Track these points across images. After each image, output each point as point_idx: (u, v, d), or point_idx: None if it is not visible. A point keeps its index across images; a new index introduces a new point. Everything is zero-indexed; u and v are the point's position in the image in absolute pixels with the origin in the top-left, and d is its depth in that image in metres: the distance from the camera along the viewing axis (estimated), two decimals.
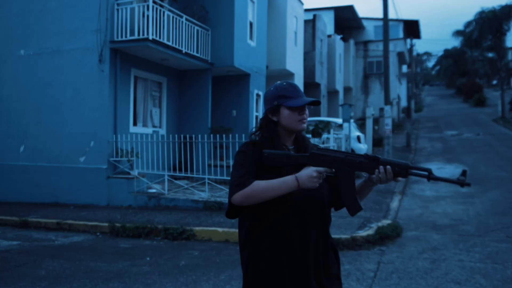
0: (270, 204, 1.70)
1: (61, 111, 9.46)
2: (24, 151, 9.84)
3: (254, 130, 1.88)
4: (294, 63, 16.48)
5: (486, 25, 28.72)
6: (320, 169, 1.65)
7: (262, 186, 1.66)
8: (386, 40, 12.66)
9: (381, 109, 20.07)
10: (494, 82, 48.49)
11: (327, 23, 22.98)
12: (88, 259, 5.43)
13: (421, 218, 7.30)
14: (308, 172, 1.64)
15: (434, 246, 5.61)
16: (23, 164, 9.78)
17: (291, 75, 16.10)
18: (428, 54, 68.26)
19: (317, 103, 1.81)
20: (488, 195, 9.03)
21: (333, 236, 1.92)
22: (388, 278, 4.45)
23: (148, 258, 5.42)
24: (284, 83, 1.85)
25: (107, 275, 4.77)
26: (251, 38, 12.65)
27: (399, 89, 31.75)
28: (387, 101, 12.29)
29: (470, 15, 59.59)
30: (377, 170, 1.65)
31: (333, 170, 1.68)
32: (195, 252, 5.66)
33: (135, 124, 10.26)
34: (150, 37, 8.98)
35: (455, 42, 49.82)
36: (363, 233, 5.99)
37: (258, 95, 13.34)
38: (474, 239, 5.93)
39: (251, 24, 12.65)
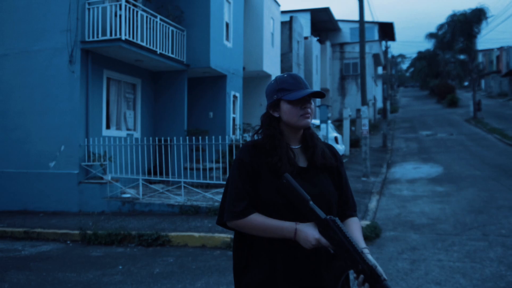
0: (274, 210, 1.60)
1: (30, 115, 9.07)
2: None
3: (257, 128, 1.75)
4: (271, 65, 16.42)
5: (458, 28, 29.41)
6: (323, 241, 1.51)
7: (258, 224, 1.59)
8: (362, 41, 12.73)
9: (358, 110, 20.24)
10: (466, 83, 49.86)
11: (304, 25, 23.04)
12: (56, 270, 5.15)
13: (399, 218, 7.30)
14: (309, 236, 1.52)
15: (413, 246, 5.58)
16: None
17: (268, 76, 16.03)
18: (402, 56, 69.72)
19: (321, 95, 1.67)
20: (464, 193, 9.14)
21: None
22: None
23: (120, 267, 5.18)
24: (285, 75, 1.70)
25: (76, 286, 4.51)
26: (227, 39, 12.50)
27: (375, 91, 32.18)
28: (364, 101, 12.34)
29: (443, 18, 61.13)
30: (359, 278, 1.46)
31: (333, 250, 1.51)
32: (170, 259, 5.45)
33: (108, 127, 9.94)
34: (123, 37, 8.71)
35: (428, 45, 51.07)
36: None
37: (235, 96, 13.19)
38: (452, 238, 5.93)
39: (227, 25, 12.50)
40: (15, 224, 7.71)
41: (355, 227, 1.70)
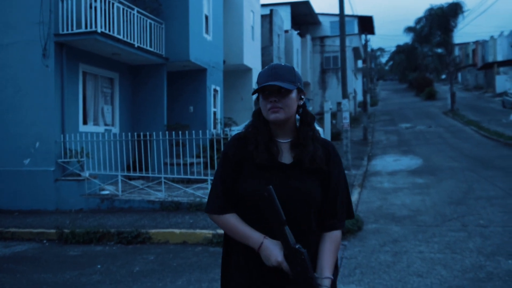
0: (252, 206, 1.56)
1: (1, 111, 8.73)
2: None
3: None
4: (252, 58, 16.30)
5: (435, 22, 29.81)
6: (284, 265, 1.48)
7: (230, 226, 1.60)
8: (342, 34, 12.74)
9: (339, 104, 20.32)
10: (443, 76, 50.76)
11: (284, 18, 22.96)
12: (31, 271, 4.97)
13: (381, 210, 7.34)
14: (272, 256, 1.49)
15: (394, 238, 5.61)
16: None
17: (249, 70, 15.92)
18: (381, 50, 70.41)
19: (280, 88, 1.55)
20: (443, 185, 9.27)
21: None
22: (351, 274, 4.35)
23: (99, 266, 5.04)
24: (267, 66, 1.65)
25: (52, 287, 4.35)
26: (207, 32, 12.32)
27: (355, 84, 32.43)
28: (345, 95, 12.38)
29: (421, 12, 62.00)
30: None
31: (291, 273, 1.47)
32: (150, 257, 5.33)
33: (85, 122, 9.67)
34: (99, 30, 8.45)
35: (407, 38, 51.65)
36: None
37: (215, 90, 13.05)
38: (432, 230, 5.99)
39: (206, 17, 12.31)
40: None
41: (327, 248, 1.57)
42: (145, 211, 7.70)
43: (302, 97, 1.66)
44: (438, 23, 29.57)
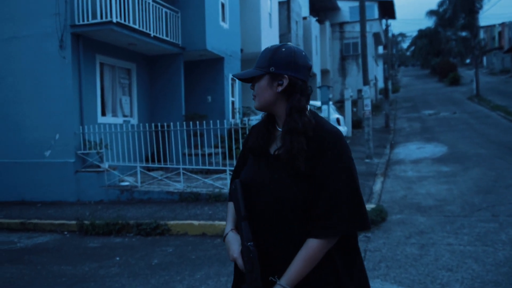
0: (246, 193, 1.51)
1: (21, 103, 8.79)
2: None
3: None
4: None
5: (459, 4, 28.82)
6: (238, 262, 1.42)
7: (227, 209, 1.64)
8: (363, 18, 12.32)
9: (359, 91, 19.89)
10: (468, 60, 49.20)
11: (302, 5, 22.50)
12: (51, 263, 4.96)
13: (405, 200, 7.08)
14: (230, 250, 1.47)
15: (421, 230, 5.37)
16: None
17: None
18: (403, 35, 68.76)
19: (243, 80, 1.54)
20: (470, 173, 8.91)
21: None
22: (376, 267, 4.16)
23: (118, 258, 4.99)
24: None
25: (71, 280, 4.32)
26: (223, 20, 12.11)
27: (376, 71, 31.72)
28: (366, 81, 12.01)
29: None
30: None
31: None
32: (169, 249, 5.26)
33: (103, 114, 9.67)
34: (114, 20, 8.36)
35: (429, 22, 50.21)
36: None
37: (233, 79, 12.87)
38: (460, 220, 5.72)
39: (223, 5, 12.09)
40: (11, 215, 7.53)
41: (298, 255, 1.36)
42: (164, 202, 7.65)
43: (280, 82, 1.46)
44: (462, 5, 28.57)
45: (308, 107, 1.51)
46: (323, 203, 1.36)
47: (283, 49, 1.47)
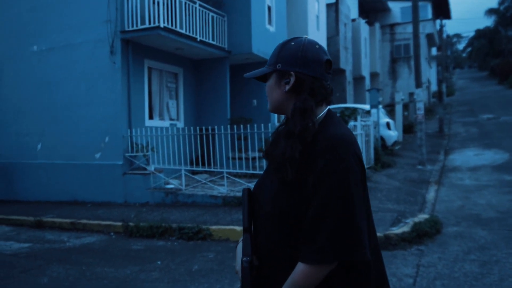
0: None
1: (75, 106, 9.15)
2: (41, 149, 9.63)
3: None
4: None
5: None
6: (239, 275, 1.30)
7: None
8: (415, 17, 11.72)
9: (411, 94, 19.06)
10: None
11: (351, 6, 21.98)
12: (96, 264, 5.03)
13: (463, 211, 6.55)
14: (237, 259, 1.35)
15: (481, 245, 4.90)
16: (41, 162, 9.57)
17: None
18: (458, 36, 65.51)
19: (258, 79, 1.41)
20: None
21: None
22: (430, 286, 3.80)
23: (159, 262, 4.96)
24: None
25: (112, 283, 4.33)
26: (269, 23, 12.00)
27: (429, 73, 30.33)
28: (419, 83, 11.39)
29: None
30: None
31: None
32: (210, 255, 5.17)
33: (151, 117, 9.85)
34: (161, 25, 8.49)
35: (488, 22, 47.44)
36: (397, 230, 5.33)
37: None
38: None
39: (269, 8, 11.99)
40: (63, 214, 7.81)
41: (286, 282, 1.19)
42: (207, 206, 7.62)
43: (286, 81, 1.28)
44: None
45: (323, 109, 1.29)
46: (309, 222, 1.16)
47: (292, 43, 1.30)
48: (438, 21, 33.66)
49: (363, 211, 1.17)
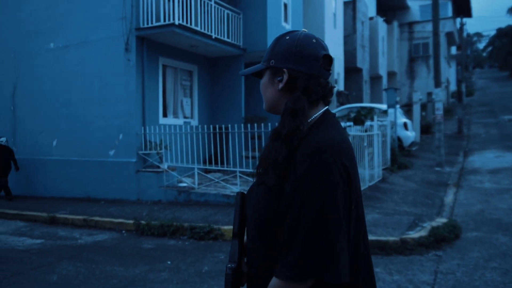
0: None
1: (90, 103, 9.18)
2: (56, 145, 9.70)
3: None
4: (334, 47, 15.50)
5: None
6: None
7: None
8: (436, 15, 11.42)
9: (429, 94, 18.65)
10: None
11: (369, 4, 21.65)
12: (106, 262, 4.99)
13: (483, 216, 6.32)
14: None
15: (503, 252, 4.69)
16: (56, 159, 9.65)
17: None
18: (479, 34, 64.14)
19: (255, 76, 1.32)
20: None
21: (378, 237, 1.17)
22: None
23: (169, 262, 4.90)
24: None
25: (121, 282, 4.28)
26: (285, 20, 11.86)
27: (448, 73, 29.71)
28: (438, 83, 11.10)
29: None
30: None
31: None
32: (221, 255, 5.08)
33: (165, 115, 9.82)
34: (176, 22, 8.44)
35: (510, 20, 46.28)
36: (414, 234, 5.15)
37: None
38: None
39: (285, 5, 11.84)
40: (76, 211, 7.84)
41: None
42: (220, 205, 7.54)
43: (279, 78, 1.18)
44: None
45: (319, 109, 1.18)
46: (283, 234, 1.07)
47: (287, 37, 1.19)
48: (458, 20, 32.95)
49: (341, 226, 1.03)
